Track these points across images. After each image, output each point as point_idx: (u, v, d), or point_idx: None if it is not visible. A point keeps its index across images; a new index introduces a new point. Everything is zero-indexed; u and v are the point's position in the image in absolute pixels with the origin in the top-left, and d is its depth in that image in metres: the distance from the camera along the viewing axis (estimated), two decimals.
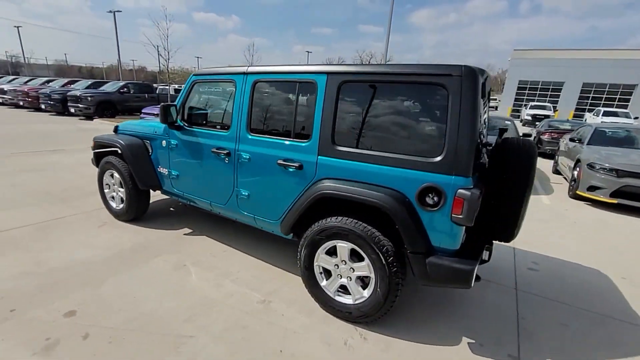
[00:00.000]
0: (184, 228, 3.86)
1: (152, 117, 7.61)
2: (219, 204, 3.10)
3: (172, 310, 2.43)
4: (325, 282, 2.49)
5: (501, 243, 3.95)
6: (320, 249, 2.43)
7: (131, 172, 3.55)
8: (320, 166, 2.41)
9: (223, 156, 2.89)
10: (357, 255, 2.31)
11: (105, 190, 3.99)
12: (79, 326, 2.20)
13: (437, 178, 2.00)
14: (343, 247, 2.33)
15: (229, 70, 2.90)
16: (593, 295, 3.03)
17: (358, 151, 2.26)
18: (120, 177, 3.69)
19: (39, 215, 3.92)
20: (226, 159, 2.89)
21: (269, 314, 2.47)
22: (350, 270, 2.36)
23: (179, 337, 2.17)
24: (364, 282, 2.36)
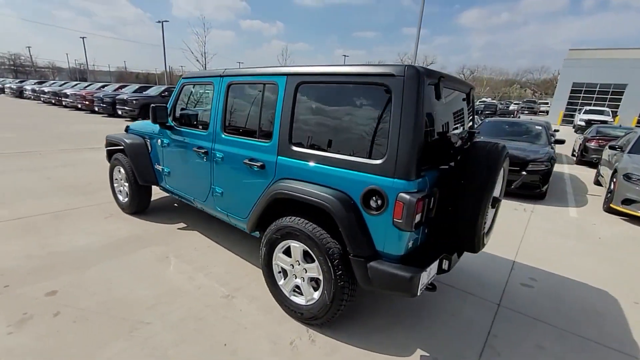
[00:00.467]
0: (180, 223, 4.08)
1: None
2: (199, 201, 3.26)
3: (141, 298, 2.60)
4: (283, 282, 2.51)
5: (503, 256, 3.77)
6: (277, 248, 2.46)
7: (132, 168, 3.84)
8: (279, 166, 2.45)
9: (202, 155, 3.03)
10: (310, 256, 2.30)
11: (115, 185, 4.35)
12: (54, 305, 2.43)
13: (380, 181, 1.95)
14: (296, 248, 2.34)
15: (209, 73, 3.05)
16: (590, 318, 2.72)
17: (311, 152, 2.27)
18: (125, 173, 4.00)
19: (59, 204, 4.38)
20: (205, 157, 3.03)
21: (228, 309, 2.54)
22: (303, 271, 2.36)
23: (137, 323, 2.31)
24: (317, 284, 2.34)
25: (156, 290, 2.70)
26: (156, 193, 4.58)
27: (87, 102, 16.94)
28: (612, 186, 5.61)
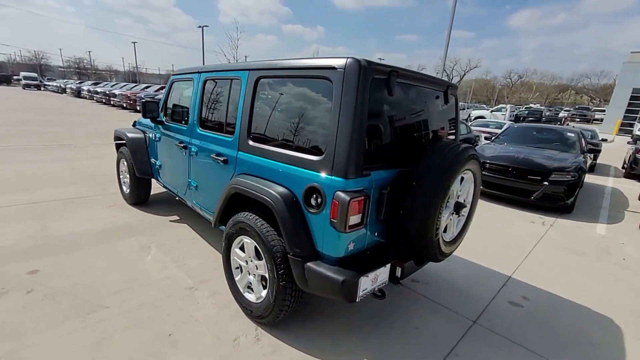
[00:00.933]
0: (174, 215, 4.23)
1: None
2: (181, 194, 3.35)
3: (110, 283, 2.71)
4: (238, 277, 2.50)
5: (499, 270, 3.47)
6: (234, 243, 2.45)
7: (131, 161, 4.05)
8: (239, 161, 2.44)
9: (182, 149, 3.12)
10: (260, 254, 2.26)
11: (120, 177, 4.61)
12: (30, 283, 2.62)
13: (319, 178, 1.87)
14: (248, 244, 2.31)
15: (191, 70, 3.14)
16: (579, 348, 2.41)
17: (264, 147, 2.24)
18: (127, 165, 4.24)
19: (73, 192, 4.73)
20: (184, 151, 3.11)
21: (187, 300, 2.58)
22: (255, 268, 2.32)
23: (96, 306, 2.42)
24: (265, 282, 2.30)
25: (126, 277, 2.81)
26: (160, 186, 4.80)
27: (131, 102, 18.27)
28: None
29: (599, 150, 8.90)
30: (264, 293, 2.26)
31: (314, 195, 1.90)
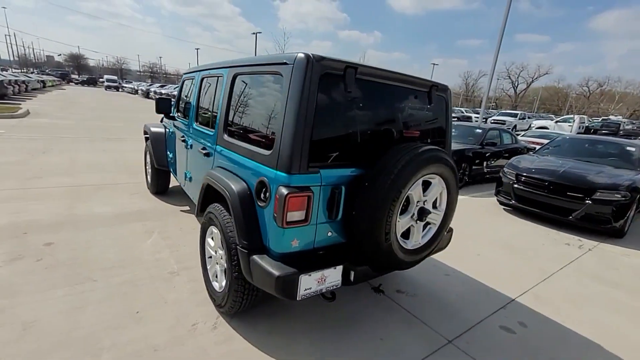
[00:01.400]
0: (186, 206, 4.51)
1: None
2: (182, 185, 3.57)
3: (106, 260, 2.98)
4: (210, 266, 2.58)
5: (502, 290, 3.14)
6: (207, 233, 2.55)
7: (151, 153, 4.41)
8: (217, 154, 2.55)
9: (182, 143, 3.33)
10: None
11: (147, 167, 5.04)
12: (42, 253, 2.97)
13: (267, 172, 1.89)
14: (215, 234, 2.39)
15: (195, 69, 3.35)
16: None
17: (232, 141, 2.32)
18: (150, 157, 4.62)
19: (107, 179, 5.28)
20: (185, 145, 3.32)
21: (165, 283, 2.73)
22: (220, 258, 2.39)
23: (86, 278, 2.67)
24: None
25: (121, 256, 3.06)
26: None
27: None
28: None
29: None
30: (225, 283, 2.31)
31: (264, 190, 1.92)
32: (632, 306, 3.12)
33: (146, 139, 4.99)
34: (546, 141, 11.09)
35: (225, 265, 2.23)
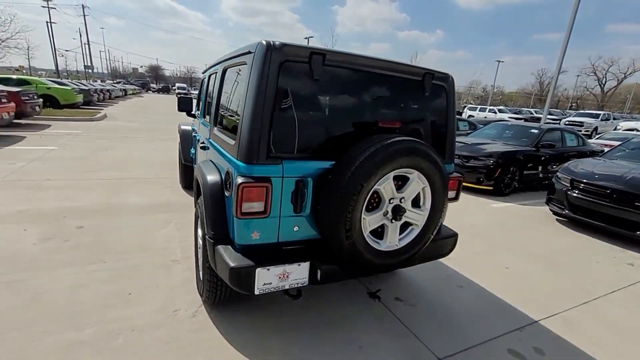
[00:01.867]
0: None
1: None
2: None
3: (120, 244, 3.24)
4: (199, 256, 2.65)
5: (525, 311, 2.74)
6: (198, 224, 2.62)
7: (180, 150, 4.72)
8: (210, 147, 2.61)
9: (196, 139, 3.50)
10: None
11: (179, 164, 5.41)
12: (72, 235, 3.34)
13: (231, 162, 1.88)
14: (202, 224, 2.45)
15: (211, 65, 3.48)
16: None
17: (216, 132, 2.36)
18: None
19: (149, 174, 5.78)
20: (197, 140, 3.48)
21: (164, 270, 2.87)
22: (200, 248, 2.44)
23: (98, 260, 2.93)
24: None
25: (135, 242, 3.30)
26: None
27: None
28: None
29: None
30: (202, 272, 2.35)
31: (229, 180, 1.91)
32: None
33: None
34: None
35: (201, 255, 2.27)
